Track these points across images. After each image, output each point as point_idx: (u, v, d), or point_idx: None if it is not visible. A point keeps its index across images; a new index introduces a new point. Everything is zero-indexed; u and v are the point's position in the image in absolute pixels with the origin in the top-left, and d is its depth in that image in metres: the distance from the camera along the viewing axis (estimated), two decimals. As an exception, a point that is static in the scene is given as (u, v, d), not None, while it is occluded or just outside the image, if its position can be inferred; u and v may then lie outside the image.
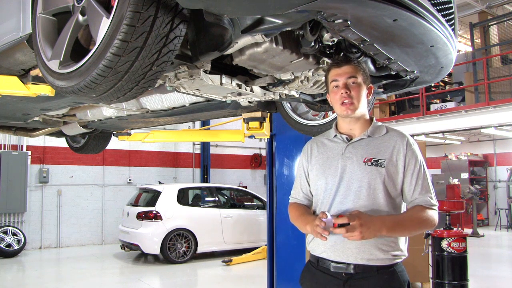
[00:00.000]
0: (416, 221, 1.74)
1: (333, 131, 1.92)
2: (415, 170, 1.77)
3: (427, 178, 1.79)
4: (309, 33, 1.62)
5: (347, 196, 1.75)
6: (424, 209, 1.76)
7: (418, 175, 1.77)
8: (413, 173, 1.77)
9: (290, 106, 3.17)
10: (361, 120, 1.84)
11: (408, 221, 1.74)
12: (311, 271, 1.87)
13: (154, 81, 1.57)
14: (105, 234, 10.93)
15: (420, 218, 1.74)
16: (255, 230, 9.06)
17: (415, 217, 1.75)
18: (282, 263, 4.87)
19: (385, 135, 1.83)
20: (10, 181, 9.30)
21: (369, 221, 1.62)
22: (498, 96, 9.89)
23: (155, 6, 1.34)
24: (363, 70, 1.81)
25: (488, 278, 7.02)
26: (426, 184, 1.78)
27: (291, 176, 4.83)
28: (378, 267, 1.72)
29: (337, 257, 1.76)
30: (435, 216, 1.77)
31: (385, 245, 1.73)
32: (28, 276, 7.59)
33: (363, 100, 1.81)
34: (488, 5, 11.12)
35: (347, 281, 1.73)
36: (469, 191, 12.47)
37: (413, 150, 1.79)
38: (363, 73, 1.81)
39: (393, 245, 1.75)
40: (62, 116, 3.55)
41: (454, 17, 1.89)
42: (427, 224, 1.75)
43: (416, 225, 1.74)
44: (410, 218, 1.75)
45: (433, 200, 1.78)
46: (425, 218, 1.75)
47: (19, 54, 2.12)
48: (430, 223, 1.75)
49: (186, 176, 12.61)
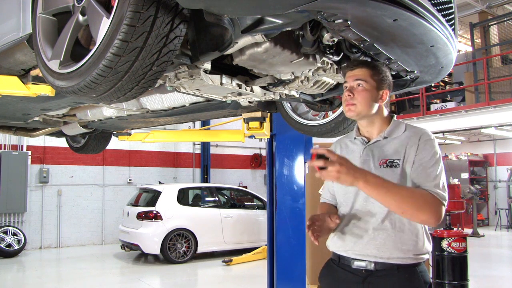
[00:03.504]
0: (406, 194, 1.59)
1: (354, 133, 1.93)
2: (424, 159, 1.67)
3: (438, 171, 1.66)
4: (309, 33, 1.62)
5: (368, 198, 1.73)
6: (424, 191, 1.63)
7: (428, 164, 1.66)
8: (422, 162, 1.67)
9: (290, 106, 3.17)
10: (377, 121, 1.83)
11: (396, 188, 1.59)
12: (332, 268, 1.88)
13: (154, 81, 1.57)
14: (105, 234, 10.93)
15: (414, 194, 1.61)
16: (255, 230, 9.06)
17: (407, 190, 1.63)
18: (282, 263, 4.86)
19: (402, 134, 1.79)
20: (10, 181, 9.30)
21: (351, 167, 1.56)
22: (498, 96, 9.89)
23: (155, 6, 1.34)
24: (378, 75, 1.77)
25: (488, 278, 7.02)
26: (436, 175, 1.65)
27: (291, 176, 4.83)
28: (398, 265, 1.70)
29: (357, 256, 1.77)
30: (436, 205, 1.61)
31: (405, 244, 1.70)
32: (28, 276, 7.59)
33: (368, 104, 1.77)
34: (488, 5, 11.12)
35: (366, 278, 1.73)
36: (469, 191, 12.47)
37: (426, 142, 1.70)
38: (378, 78, 1.77)
39: (414, 244, 1.71)
40: (62, 116, 3.55)
41: (454, 17, 1.89)
42: (419, 203, 1.58)
43: (404, 198, 1.57)
44: (400, 188, 1.62)
45: (441, 191, 1.63)
46: (419, 196, 1.60)
47: (19, 54, 2.12)
48: (424, 205, 1.58)
49: (186, 176, 12.61)
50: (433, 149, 1.70)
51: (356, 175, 1.55)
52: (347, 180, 1.55)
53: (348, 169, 1.54)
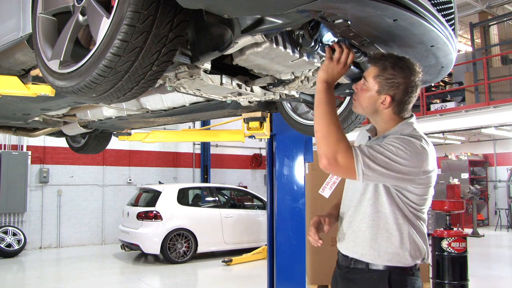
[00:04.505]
0: (331, 122, 1.56)
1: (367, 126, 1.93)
2: (375, 143, 1.63)
3: (380, 149, 1.55)
4: (309, 33, 1.62)
5: (362, 196, 1.74)
6: (347, 140, 1.56)
7: (380, 145, 1.57)
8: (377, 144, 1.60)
9: (290, 106, 3.17)
10: (380, 121, 1.76)
11: (331, 115, 1.57)
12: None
13: (154, 81, 1.57)
14: (105, 234, 10.93)
15: (337, 129, 1.55)
16: (255, 230, 9.06)
17: (336, 123, 1.57)
18: (282, 263, 4.86)
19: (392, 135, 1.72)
20: (10, 181, 9.30)
21: (333, 70, 1.63)
22: (498, 96, 9.90)
23: (155, 6, 1.34)
24: (383, 77, 1.65)
25: (488, 278, 7.02)
26: (376, 148, 1.55)
27: (291, 176, 4.82)
28: (368, 264, 1.70)
29: (342, 249, 1.81)
30: (342, 153, 1.51)
31: (380, 245, 1.68)
32: (28, 276, 7.59)
33: (364, 104, 1.73)
34: (488, 5, 11.12)
35: (346, 274, 1.77)
36: (469, 191, 12.46)
37: (395, 138, 1.59)
38: (381, 80, 1.66)
39: (392, 248, 1.66)
40: (62, 116, 3.55)
41: (454, 17, 1.89)
42: (330, 137, 1.53)
43: (328, 123, 1.56)
44: (334, 117, 1.57)
45: (362, 154, 1.52)
46: (337, 134, 1.54)
47: (19, 54, 2.12)
48: (330, 142, 1.52)
49: (186, 176, 12.61)
50: (395, 143, 1.57)
51: (322, 75, 1.64)
52: (319, 72, 1.65)
53: (327, 67, 1.63)
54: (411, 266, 1.69)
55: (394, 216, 1.67)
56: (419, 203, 1.68)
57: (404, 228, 1.67)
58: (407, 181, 1.61)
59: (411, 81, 1.67)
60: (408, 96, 1.70)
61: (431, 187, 1.69)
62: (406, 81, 1.66)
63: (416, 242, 1.68)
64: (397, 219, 1.67)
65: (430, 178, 1.65)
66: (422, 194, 1.67)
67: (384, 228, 1.68)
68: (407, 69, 1.65)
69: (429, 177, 1.64)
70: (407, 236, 1.67)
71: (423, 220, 1.72)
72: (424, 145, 1.61)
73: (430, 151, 1.63)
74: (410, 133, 1.66)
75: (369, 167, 1.52)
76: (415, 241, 1.68)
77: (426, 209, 1.74)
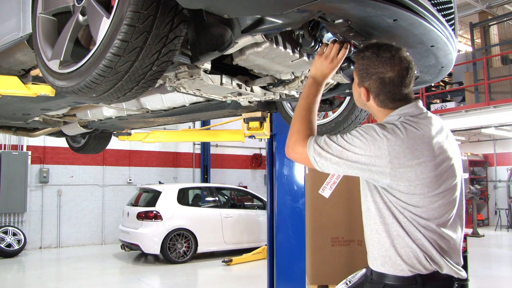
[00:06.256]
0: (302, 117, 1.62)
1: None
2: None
3: (336, 138, 1.52)
4: (309, 33, 1.62)
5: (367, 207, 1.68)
6: (311, 132, 1.60)
7: (336, 135, 1.56)
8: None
9: (290, 106, 3.17)
10: (372, 114, 1.71)
11: (307, 111, 1.63)
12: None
13: (154, 81, 1.57)
14: (105, 234, 10.93)
15: (302, 124, 1.60)
16: (255, 230, 9.06)
17: (304, 118, 1.62)
18: (282, 263, 4.87)
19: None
20: (10, 181, 9.30)
21: (323, 67, 1.65)
22: (498, 96, 9.89)
23: (155, 6, 1.34)
24: (357, 68, 1.60)
25: (488, 278, 7.02)
26: (333, 136, 1.54)
27: (291, 176, 4.83)
28: (371, 271, 1.64)
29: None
30: (299, 142, 1.58)
31: (371, 252, 1.62)
32: (28, 276, 7.59)
33: (356, 99, 1.70)
34: (488, 5, 11.12)
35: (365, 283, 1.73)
36: (469, 191, 12.46)
37: (358, 127, 1.55)
38: (357, 71, 1.61)
39: (377, 246, 1.57)
40: (62, 116, 3.55)
41: (454, 17, 1.89)
42: (294, 132, 1.60)
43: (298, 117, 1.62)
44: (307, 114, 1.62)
45: (315, 143, 1.53)
46: (301, 127, 1.60)
47: (19, 54, 2.12)
48: (292, 134, 1.61)
49: (186, 176, 12.61)
50: (355, 131, 1.51)
51: (311, 70, 1.67)
52: (311, 68, 1.68)
53: (315, 62, 1.65)
54: (410, 277, 1.49)
55: (380, 214, 1.53)
56: (411, 202, 1.47)
57: (393, 229, 1.50)
58: (374, 173, 1.46)
59: (387, 70, 1.51)
60: (386, 88, 1.54)
61: (422, 185, 1.46)
62: (381, 70, 1.52)
63: (412, 248, 1.48)
64: (384, 218, 1.52)
65: (412, 172, 1.44)
66: (407, 191, 1.46)
67: (374, 228, 1.56)
68: (383, 57, 1.51)
69: (409, 171, 1.44)
70: (397, 238, 1.49)
71: (428, 227, 1.48)
72: (387, 133, 1.45)
73: (395, 140, 1.44)
74: (384, 121, 1.56)
75: (320, 155, 1.52)
76: (409, 246, 1.48)
77: (435, 215, 1.48)
